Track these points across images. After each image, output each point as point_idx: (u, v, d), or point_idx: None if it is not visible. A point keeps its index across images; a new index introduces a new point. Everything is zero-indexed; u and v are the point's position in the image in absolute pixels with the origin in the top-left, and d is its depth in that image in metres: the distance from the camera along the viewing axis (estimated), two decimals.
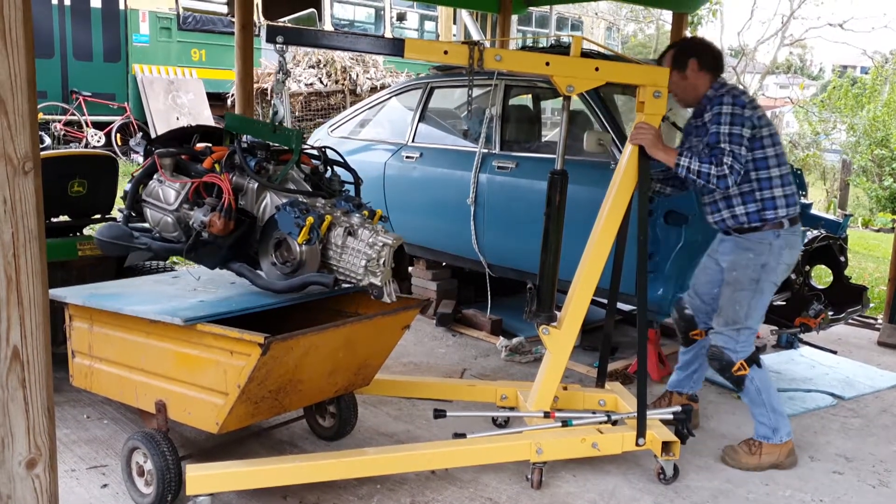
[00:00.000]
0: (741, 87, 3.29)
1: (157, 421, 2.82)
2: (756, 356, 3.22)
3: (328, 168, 3.14)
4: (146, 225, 3.08)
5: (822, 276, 5.88)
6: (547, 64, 2.94)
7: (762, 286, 3.15)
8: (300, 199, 2.81)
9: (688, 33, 8.10)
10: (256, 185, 2.89)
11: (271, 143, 2.97)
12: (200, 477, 2.68)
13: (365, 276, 2.70)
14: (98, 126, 12.39)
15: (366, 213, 2.83)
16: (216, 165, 2.90)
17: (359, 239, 2.71)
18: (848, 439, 3.62)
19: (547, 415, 3.17)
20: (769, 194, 3.11)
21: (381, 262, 2.68)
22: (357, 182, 3.24)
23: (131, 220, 3.06)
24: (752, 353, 3.21)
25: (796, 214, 3.17)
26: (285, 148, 2.97)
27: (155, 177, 2.98)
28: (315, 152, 3.14)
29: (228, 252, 2.89)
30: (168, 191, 2.94)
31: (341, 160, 3.21)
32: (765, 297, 3.19)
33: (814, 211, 4.77)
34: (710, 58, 3.23)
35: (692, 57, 3.21)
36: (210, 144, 3.07)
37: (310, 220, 2.68)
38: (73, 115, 12.17)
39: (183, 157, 3.00)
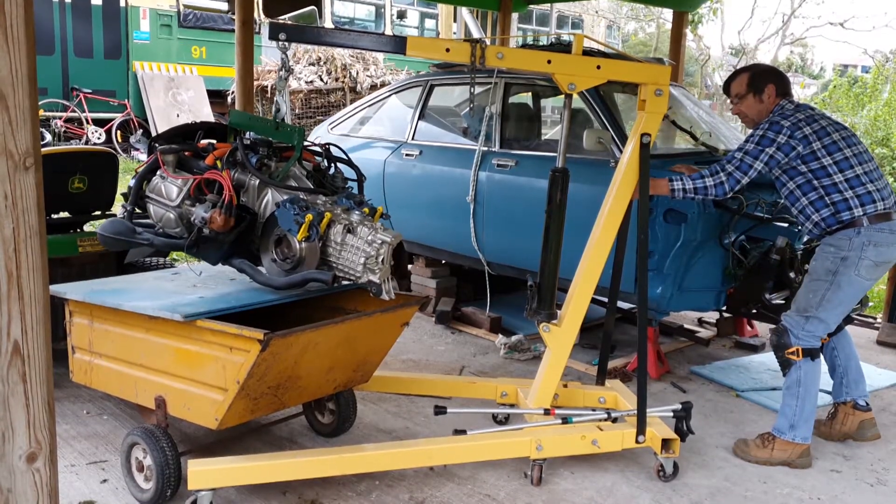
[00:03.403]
0: (796, 104, 3.30)
1: (157, 417, 2.83)
2: (816, 351, 3.22)
3: (331, 165, 3.14)
4: (149, 221, 3.08)
5: None
6: (549, 62, 2.95)
7: (839, 280, 3.13)
8: (300, 197, 2.82)
9: (688, 31, 8.12)
10: (258, 181, 2.89)
11: (274, 140, 2.98)
12: (202, 472, 2.68)
13: (364, 274, 2.70)
14: (98, 123, 12.42)
15: (366, 210, 2.83)
16: (218, 162, 2.91)
17: (358, 236, 2.71)
18: None
19: (547, 412, 3.18)
20: (839, 197, 3.12)
21: (380, 259, 2.68)
22: (360, 179, 3.24)
23: (135, 215, 3.07)
24: (812, 347, 3.21)
25: (880, 212, 3.11)
26: (288, 145, 2.97)
27: (158, 173, 2.99)
28: (318, 149, 3.14)
29: (230, 248, 2.90)
30: (170, 187, 2.95)
31: (344, 157, 3.21)
32: (842, 293, 3.15)
33: None
34: (785, 85, 3.32)
35: (770, 83, 3.30)
36: (214, 141, 3.08)
37: (308, 217, 2.68)
38: (74, 111, 12.19)
39: (186, 153, 3.01)
